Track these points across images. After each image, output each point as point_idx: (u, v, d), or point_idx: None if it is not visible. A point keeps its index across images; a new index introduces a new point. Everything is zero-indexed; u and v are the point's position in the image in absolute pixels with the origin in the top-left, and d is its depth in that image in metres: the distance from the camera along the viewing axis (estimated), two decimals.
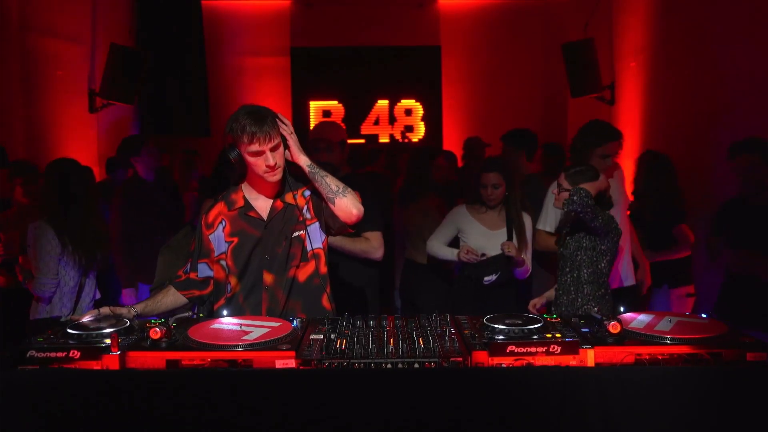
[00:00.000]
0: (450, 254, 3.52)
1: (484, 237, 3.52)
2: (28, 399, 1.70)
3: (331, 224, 2.38)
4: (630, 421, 1.68)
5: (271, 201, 2.40)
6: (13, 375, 1.77)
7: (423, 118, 8.77)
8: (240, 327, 2.00)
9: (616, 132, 3.46)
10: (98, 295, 3.60)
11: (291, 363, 1.78)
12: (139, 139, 4.86)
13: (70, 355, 1.81)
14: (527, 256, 3.51)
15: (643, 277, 3.67)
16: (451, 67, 8.67)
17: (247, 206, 2.39)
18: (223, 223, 2.40)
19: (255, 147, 2.21)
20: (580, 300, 2.91)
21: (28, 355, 1.82)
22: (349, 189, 2.31)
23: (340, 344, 1.86)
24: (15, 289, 3.65)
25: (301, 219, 2.39)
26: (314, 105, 8.72)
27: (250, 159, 2.25)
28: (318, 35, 8.44)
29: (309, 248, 2.39)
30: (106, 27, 6.49)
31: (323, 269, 2.43)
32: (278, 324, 2.03)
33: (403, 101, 8.75)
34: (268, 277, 2.37)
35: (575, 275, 2.95)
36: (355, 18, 8.40)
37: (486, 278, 3.46)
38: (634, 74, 6.38)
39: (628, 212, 3.73)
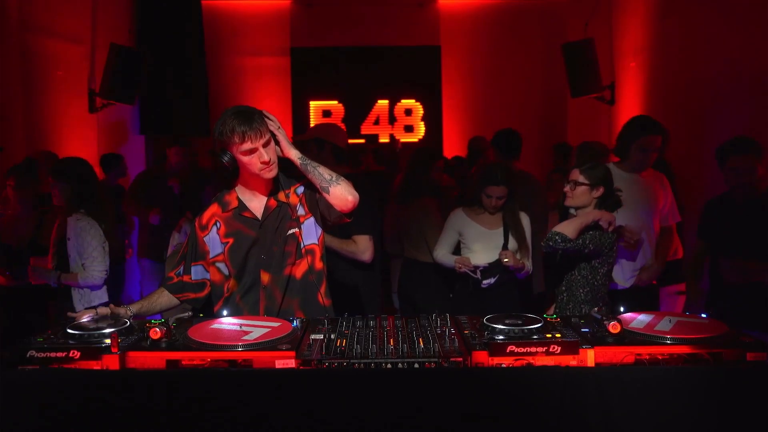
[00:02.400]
0: (452, 263, 3.54)
1: (483, 236, 3.52)
2: (28, 399, 1.70)
3: (326, 215, 2.36)
4: (630, 421, 1.68)
5: (265, 200, 2.39)
6: (13, 375, 1.76)
7: (423, 118, 8.77)
8: (240, 327, 2.00)
9: (658, 127, 3.47)
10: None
11: (291, 363, 1.77)
12: (175, 138, 5.46)
13: (70, 355, 1.81)
14: (527, 260, 3.51)
15: (648, 278, 3.58)
16: (451, 67, 8.67)
17: (242, 207, 2.38)
18: (218, 224, 2.39)
19: (247, 145, 2.20)
20: None
21: (28, 355, 1.82)
22: (342, 177, 2.31)
23: (340, 344, 1.86)
24: (17, 288, 3.72)
25: (295, 216, 2.39)
26: (314, 105, 8.71)
27: (244, 158, 2.24)
28: (318, 35, 8.44)
29: (303, 245, 2.39)
30: (106, 27, 6.49)
31: (318, 265, 2.42)
32: (278, 324, 2.03)
33: (403, 101, 8.74)
34: (265, 277, 2.36)
35: (571, 294, 2.93)
36: (355, 18, 8.40)
37: (484, 282, 3.47)
38: (634, 74, 6.38)
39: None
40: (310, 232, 2.41)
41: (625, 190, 3.07)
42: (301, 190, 2.43)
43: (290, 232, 2.38)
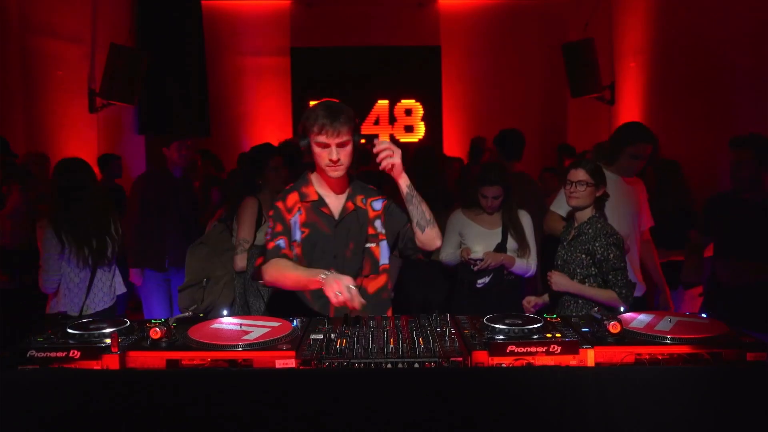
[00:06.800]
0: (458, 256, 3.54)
1: (482, 237, 3.52)
2: (28, 399, 1.70)
3: (403, 247, 2.40)
4: (630, 421, 1.68)
5: (341, 200, 2.41)
6: (13, 375, 1.76)
7: (423, 118, 8.77)
8: (240, 327, 2.00)
9: (650, 135, 3.46)
10: (123, 290, 3.68)
11: (291, 363, 1.77)
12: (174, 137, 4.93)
13: (70, 355, 1.81)
14: (531, 257, 3.49)
15: (665, 304, 3.58)
16: (451, 67, 8.67)
17: (321, 201, 2.40)
18: (300, 211, 2.40)
19: (322, 138, 2.25)
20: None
21: (28, 355, 1.82)
22: (434, 220, 2.34)
23: (340, 344, 1.85)
24: (18, 289, 3.72)
25: (374, 232, 2.41)
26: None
27: (316, 149, 2.29)
28: (318, 35, 8.44)
29: (381, 262, 2.41)
30: (106, 27, 6.50)
31: (390, 285, 2.45)
32: (278, 324, 2.03)
33: (403, 101, 8.74)
34: None
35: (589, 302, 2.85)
36: (355, 18, 8.40)
37: (479, 281, 3.47)
38: (634, 74, 6.39)
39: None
40: (384, 252, 2.43)
41: (611, 191, 3.06)
42: (378, 205, 2.44)
43: (368, 246, 2.39)
